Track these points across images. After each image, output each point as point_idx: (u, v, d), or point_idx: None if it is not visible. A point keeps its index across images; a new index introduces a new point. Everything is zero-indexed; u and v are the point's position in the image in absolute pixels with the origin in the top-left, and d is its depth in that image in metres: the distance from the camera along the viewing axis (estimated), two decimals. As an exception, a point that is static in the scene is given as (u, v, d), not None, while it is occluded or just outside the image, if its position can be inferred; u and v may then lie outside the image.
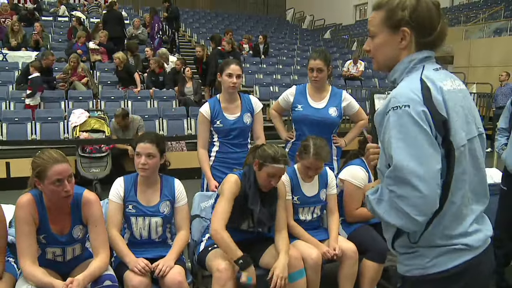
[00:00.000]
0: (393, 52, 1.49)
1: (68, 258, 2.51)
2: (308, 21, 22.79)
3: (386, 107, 1.39)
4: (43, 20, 12.59)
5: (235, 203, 2.74)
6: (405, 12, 1.42)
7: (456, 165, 1.38)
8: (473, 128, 1.46)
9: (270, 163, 2.68)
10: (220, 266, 2.57)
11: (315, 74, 3.44)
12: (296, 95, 3.58)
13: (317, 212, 3.17)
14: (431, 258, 1.42)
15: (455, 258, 1.41)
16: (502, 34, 14.50)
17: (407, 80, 1.43)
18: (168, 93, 9.24)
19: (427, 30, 1.44)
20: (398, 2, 1.44)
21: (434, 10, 1.44)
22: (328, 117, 3.48)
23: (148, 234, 2.73)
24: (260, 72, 11.69)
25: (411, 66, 1.46)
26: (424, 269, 1.43)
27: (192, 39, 15.08)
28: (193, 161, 3.63)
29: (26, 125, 7.46)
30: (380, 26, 1.49)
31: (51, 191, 2.29)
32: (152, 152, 2.66)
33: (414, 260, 1.46)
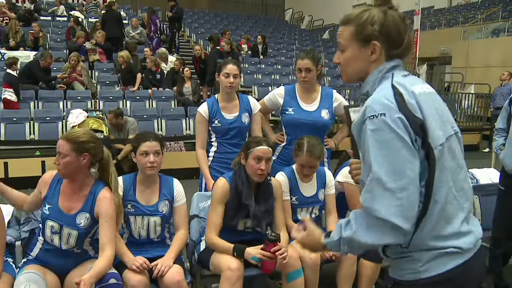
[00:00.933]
0: (363, 65, 1.52)
1: (63, 247, 2.47)
2: (307, 21, 22.80)
3: (363, 116, 1.40)
4: (42, 20, 12.58)
5: (230, 204, 2.78)
6: (375, 27, 1.46)
7: (437, 164, 1.39)
8: (448, 127, 1.48)
9: (253, 147, 2.76)
10: (231, 265, 2.60)
11: (303, 74, 3.35)
12: (286, 97, 3.47)
13: (315, 212, 3.17)
14: (424, 262, 1.42)
15: (448, 262, 1.41)
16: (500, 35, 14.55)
17: (378, 90, 1.45)
18: (166, 93, 9.25)
19: (396, 43, 1.48)
20: (367, 17, 1.48)
21: (401, 23, 1.48)
22: (321, 120, 3.40)
23: (146, 233, 2.73)
24: (258, 72, 11.70)
25: (381, 75, 1.49)
26: (417, 273, 1.43)
27: (191, 39, 15.08)
28: (192, 161, 3.63)
29: (25, 125, 7.47)
30: (350, 41, 1.52)
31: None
32: (158, 149, 2.71)
33: (407, 265, 1.46)
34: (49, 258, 2.49)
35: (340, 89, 10.63)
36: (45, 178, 2.55)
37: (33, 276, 2.35)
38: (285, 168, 3.17)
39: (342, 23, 1.56)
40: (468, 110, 11.62)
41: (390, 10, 1.49)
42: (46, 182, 2.53)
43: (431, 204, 1.40)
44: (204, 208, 3.15)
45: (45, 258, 2.49)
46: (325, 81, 11.82)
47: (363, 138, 1.41)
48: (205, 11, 20.45)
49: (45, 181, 2.53)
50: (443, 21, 18.33)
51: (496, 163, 5.58)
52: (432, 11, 20.75)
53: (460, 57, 15.00)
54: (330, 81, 11.99)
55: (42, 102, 8.26)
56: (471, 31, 15.74)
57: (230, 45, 9.85)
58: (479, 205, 3.96)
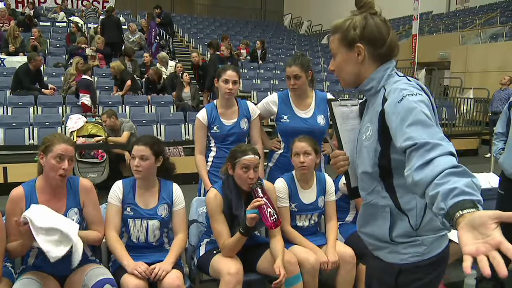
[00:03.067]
0: (353, 68, 1.64)
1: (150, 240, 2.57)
2: (306, 27, 22.87)
3: (398, 96, 1.46)
4: (41, 25, 12.61)
5: (224, 213, 2.77)
6: (357, 31, 1.59)
7: None
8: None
9: (240, 157, 2.73)
10: (231, 269, 2.59)
11: (292, 81, 3.26)
12: (280, 105, 3.40)
13: (314, 219, 3.16)
14: (428, 244, 1.58)
15: (442, 243, 1.61)
16: (498, 40, 14.59)
17: (396, 82, 1.56)
18: (166, 98, 9.26)
19: (378, 43, 1.60)
20: (349, 23, 1.61)
21: (382, 25, 1.61)
22: (317, 126, 3.34)
23: (145, 237, 2.73)
24: (257, 78, 11.72)
25: (388, 73, 1.61)
26: (420, 256, 1.58)
27: (190, 44, 15.11)
28: (191, 166, 3.62)
29: (24, 130, 7.46)
30: (338, 47, 1.65)
31: (50, 166, 2.44)
32: (145, 154, 2.68)
33: (412, 249, 1.59)
34: (46, 264, 2.48)
35: (339, 94, 10.65)
36: (15, 195, 2.46)
37: (30, 281, 2.35)
38: (285, 175, 3.16)
39: (331, 33, 1.69)
40: (466, 115, 11.64)
41: (372, 15, 1.62)
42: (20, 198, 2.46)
43: None
44: (203, 213, 3.15)
45: (42, 264, 2.48)
46: (324, 86, 11.84)
47: (398, 112, 1.42)
48: (203, 16, 20.51)
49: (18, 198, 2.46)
50: (441, 26, 18.39)
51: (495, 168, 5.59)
52: (430, 16, 20.83)
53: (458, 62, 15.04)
54: (329, 86, 12.01)
55: (41, 107, 8.27)
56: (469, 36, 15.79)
57: (230, 50, 9.87)
58: (478, 210, 3.96)
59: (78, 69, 8.80)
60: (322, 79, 12.35)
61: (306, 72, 3.25)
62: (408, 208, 1.58)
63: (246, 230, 2.64)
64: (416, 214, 1.57)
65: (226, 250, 2.73)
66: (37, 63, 8.43)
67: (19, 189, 2.49)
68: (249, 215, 2.58)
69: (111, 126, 6.96)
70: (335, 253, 2.96)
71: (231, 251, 2.72)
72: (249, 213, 2.58)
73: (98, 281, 2.38)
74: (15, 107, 8.15)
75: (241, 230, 2.65)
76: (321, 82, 12.04)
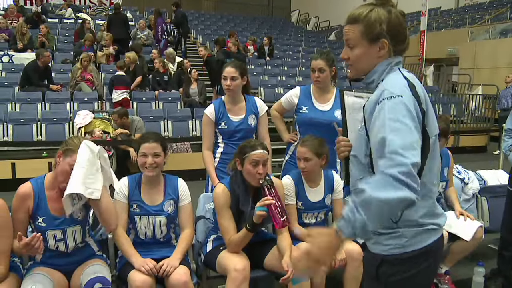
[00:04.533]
0: (372, 61, 1.62)
1: (70, 246, 2.51)
2: (313, 23, 22.75)
3: (379, 97, 1.50)
4: (49, 22, 12.65)
5: (232, 209, 2.76)
6: (383, 26, 1.57)
7: (430, 151, 1.55)
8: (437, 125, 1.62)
9: (249, 152, 2.71)
10: (237, 266, 2.59)
11: (316, 74, 3.41)
12: (301, 97, 3.52)
13: (321, 216, 3.15)
14: (409, 237, 1.57)
15: (428, 237, 1.59)
16: (508, 36, 14.45)
17: (391, 78, 1.57)
18: (173, 95, 9.27)
19: (401, 38, 1.61)
20: (375, 18, 1.58)
21: (402, 19, 1.61)
22: (334, 119, 3.37)
23: (152, 233, 2.73)
24: (265, 74, 11.69)
25: (390, 68, 1.61)
26: (402, 248, 1.57)
27: (197, 40, 15.10)
28: (198, 162, 3.62)
29: (32, 126, 7.50)
30: (359, 39, 1.61)
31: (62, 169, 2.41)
32: (157, 150, 2.70)
33: (393, 240, 1.58)
34: (54, 259, 2.50)
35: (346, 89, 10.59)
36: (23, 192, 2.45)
37: (40, 277, 2.36)
38: (291, 172, 3.15)
39: (349, 22, 1.63)
40: (475, 112, 11.55)
41: (392, 8, 1.60)
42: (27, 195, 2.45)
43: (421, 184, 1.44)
44: (210, 209, 3.15)
45: (49, 260, 2.49)
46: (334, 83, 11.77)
47: (374, 116, 1.50)
48: (211, 13, 20.48)
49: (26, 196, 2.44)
50: (450, 22, 18.23)
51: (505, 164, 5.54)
52: (439, 12, 20.66)
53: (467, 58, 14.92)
54: (337, 82, 11.95)
55: (49, 103, 8.30)
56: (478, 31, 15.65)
57: (237, 46, 9.83)
58: (487, 207, 3.93)
59: (83, 65, 8.82)
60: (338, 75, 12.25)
61: (330, 67, 3.41)
62: None
63: (253, 226, 2.63)
64: None
65: (232, 246, 2.72)
66: (46, 60, 8.46)
67: (27, 185, 2.47)
68: (258, 212, 2.57)
69: (121, 124, 6.97)
70: (342, 250, 2.95)
71: (236, 247, 2.71)
72: (259, 210, 2.57)
73: (89, 280, 2.37)
74: (23, 103, 8.18)
75: (248, 227, 2.64)
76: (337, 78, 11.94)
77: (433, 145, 1.58)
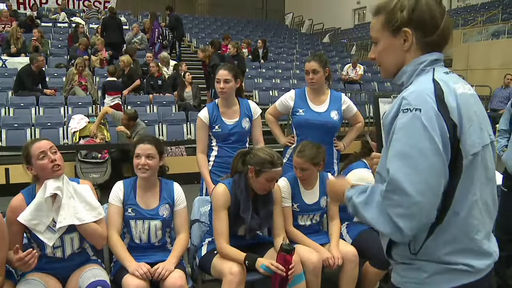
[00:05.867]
0: (397, 56, 1.43)
1: (68, 253, 2.50)
2: (307, 25, 22.84)
3: (398, 108, 1.32)
4: (43, 26, 12.61)
5: (229, 212, 2.75)
6: (404, 13, 1.37)
7: (464, 174, 1.31)
8: (486, 135, 1.39)
9: (269, 169, 2.68)
10: (232, 269, 2.58)
11: (310, 76, 3.45)
12: (296, 99, 3.55)
13: (316, 218, 3.16)
14: (430, 274, 1.34)
15: (455, 279, 1.33)
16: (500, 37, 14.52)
17: (418, 82, 1.36)
18: (167, 98, 9.26)
19: (429, 29, 1.38)
20: (396, 3, 1.39)
21: (436, 7, 1.38)
22: (330, 120, 3.47)
23: (147, 237, 2.72)
24: (259, 77, 11.69)
25: (421, 68, 1.39)
26: (420, 285, 1.35)
27: (191, 44, 15.10)
28: (193, 166, 3.62)
29: (26, 130, 7.46)
30: (381, 31, 1.44)
31: (40, 167, 2.43)
32: (152, 153, 2.68)
33: (411, 272, 1.38)
34: (48, 265, 2.48)
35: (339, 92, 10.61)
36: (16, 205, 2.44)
37: (33, 282, 2.35)
38: (287, 174, 3.16)
39: (373, 14, 1.46)
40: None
41: None
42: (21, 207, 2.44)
43: (449, 214, 1.32)
44: (205, 212, 3.15)
45: (44, 265, 2.48)
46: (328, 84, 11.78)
47: (392, 130, 1.32)
48: (205, 16, 20.48)
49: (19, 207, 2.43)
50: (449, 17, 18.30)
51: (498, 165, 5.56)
52: (432, 14, 20.73)
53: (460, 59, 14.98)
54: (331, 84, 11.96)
55: (43, 108, 8.26)
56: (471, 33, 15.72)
57: (237, 49, 9.79)
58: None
59: (78, 70, 8.79)
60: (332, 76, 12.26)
61: (323, 68, 3.45)
62: None
63: (252, 265, 2.60)
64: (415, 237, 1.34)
65: (222, 255, 2.71)
66: (40, 64, 8.41)
67: (18, 197, 2.47)
68: (263, 271, 2.56)
69: (127, 125, 6.92)
70: (339, 251, 2.96)
71: (227, 257, 2.69)
72: (264, 269, 2.55)
73: (89, 283, 2.37)
74: (17, 108, 8.14)
75: (246, 262, 2.60)
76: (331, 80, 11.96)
77: (469, 166, 1.31)
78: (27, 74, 8.39)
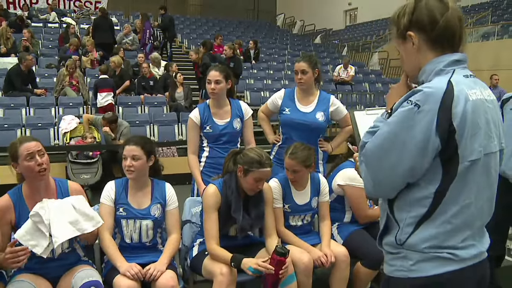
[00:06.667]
0: (412, 59, 1.50)
1: (58, 252, 2.49)
2: (299, 26, 22.88)
3: (404, 98, 1.38)
4: (33, 26, 12.53)
5: (220, 212, 2.76)
6: (405, 18, 1.46)
7: (458, 178, 1.36)
8: (493, 143, 1.42)
9: (257, 168, 2.69)
10: (223, 270, 2.58)
11: (299, 76, 3.47)
12: (285, 99, 3.59)
13: (307, 219, 3.17)
14: (415, 261, 1.40)
15: (439, 266, 1.38)
16: (490, 39, 14.65)
17: (434, 81, 1.39)
18: (158, 99, 9.25)
19: (428, 25, 1.42)
20: (399, 12, 1.49)
21: (436, 5, 1.43)
22: (315, 121, 3.49)
23: (138, 237, 2.72)
24: (251, 78, 11.71)
25: (440, 67, 1.42)
26: (407, 272, 1.42)
27: (183, 45, 15.08)
28: (184, 166, 3.62)
29: (16, 131, 7.40)
30: (396, 40, 1.53)
31: (26, 168, 2.42)
32: (137, 154, 2.67)
33: (398, 261, 1.45)
34: (39, 266, 2.47)
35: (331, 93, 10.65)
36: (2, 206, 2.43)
37: (23, 284, 2.34)
38: (278, 175, 3.16)
39: (389, 29, 1.57)
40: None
41: None
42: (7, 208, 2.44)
43: (437, 212, 1.38)
44: (196, 213, 3.15)
45: (34, 266, 2.47)
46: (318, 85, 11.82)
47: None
48: (196, 17, 20.46)
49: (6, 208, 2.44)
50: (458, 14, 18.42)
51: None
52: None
53: (451, 61, 15.10)
54: (322, 85, 11.98)
55: (33, 109, 8.21)
56: (461, 35, 15.85)
57: (233, 50, 9.73)
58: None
59: (69, 71, 8.75)
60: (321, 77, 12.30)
61: (313, 69, 3.46)
62: (397, 219, 1.45)
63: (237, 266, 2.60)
64: (402, 227, 1.43)
65: (212, 256, 2.71)
66: (29, 63, 8.35)
67: (4, 198, 2.46)
68: (251, 272, 2.55)
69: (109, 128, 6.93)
70: (331, 250, 2.97)
71: (216, 259, 2.69)
72: (251, 271, 2.54)
73: (83, 284, 2.36)
74: (7, 108, 8.08)
75: (232, 262, 2.60)
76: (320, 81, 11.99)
77: (465, 171, 1.36)
78: (16, 74, 8.32)
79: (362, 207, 3.20)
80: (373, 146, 1.40)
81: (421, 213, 1.39)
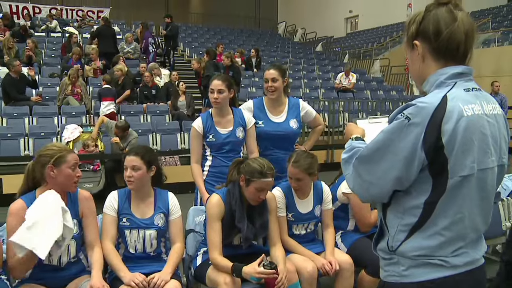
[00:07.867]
0: (417, 67, 1.51)
1: (64, 261, 2.49)
2: (300, 34, 22.97)
3: (398, 110, 1.41)
4: (36, 36, 12.60)
5: (224, 222, 2.75)
6: (414, 26, 1.47)
7: (448, 193, 1.37)
8: (490, 159, 1.41)
9: (258, 178, 2.68)
10: (226, 279, 2.58)
11: (270, 83, 3.48)
12: (255, 110, 3.58)
13: (310, 227, 3.16)
14: (407, 267, 1.43)
15: (430, 272, 1.40)
16: (491, 45, 14.69)
17: (431, 95, 1.40)
18: (161, 108, 9.28)
19: (433, 36, 1.42)
20: (410, 21, 1.50)
21: (444, 16, 1.42)
22: (290, 130, 3.52)
23: (142, 247, 2.72)
24: (252, 86, 11.74)
25: (442, 80, 1.42)
26: (400, 277, 1.45)
27: (185, 53, 15.14)
28: (187, 175, 3.62)
29: (19, 140, 7.44)
30: (406, 47, 1.55)
31: (66, 175, 2.46)
32: (136, 164, 2.67)
33: (391, 267, 1.48)
34: (43, 275, 2.47)
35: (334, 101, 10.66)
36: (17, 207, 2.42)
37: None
38: (282, 184, 3.16)
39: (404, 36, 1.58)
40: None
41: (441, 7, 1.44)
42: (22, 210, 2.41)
43: (428, 223, 1.40)
44: (200, 222, 3.15)
45: (38, 276, 2.46)
46: (319, 93, 11.86)
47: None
48: (198, 25, 20.56)
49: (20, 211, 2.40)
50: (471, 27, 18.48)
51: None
52: (423, 22, 20.91)
53: (452, 68, 15.12)
54: (324, 93, 12.02)
55: (36, 118, 8.24)
56: (462, 42, 15.87)
57: (231, 58, 9.81)
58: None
59: (71, 81, 8.79)
60: (317, 86, 12.38)
61: (282, 77, 3.50)
62: (388, 225, 1.49)
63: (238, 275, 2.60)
64: (393, 235, 1.46)
65: (214, 266, 2.71)
66: (17, 69, 8.23)
67: (18, 202, 2.45)
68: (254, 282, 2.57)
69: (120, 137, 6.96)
70: (335, 257, 2.96)
71: (217, 268, 2.69)
72: (253, 280, 2.56)
73: None
74: (10, 118, 8.12)
75: (234, 271, 2.59)
76: (316, 90, 12.06)
77: (455, 186, 1.37)
78: (10, 84, 8.26)
79: (365, 215, 3.19)
80: (368, 150, 1.45)
81: (412, 222, 1.42)
